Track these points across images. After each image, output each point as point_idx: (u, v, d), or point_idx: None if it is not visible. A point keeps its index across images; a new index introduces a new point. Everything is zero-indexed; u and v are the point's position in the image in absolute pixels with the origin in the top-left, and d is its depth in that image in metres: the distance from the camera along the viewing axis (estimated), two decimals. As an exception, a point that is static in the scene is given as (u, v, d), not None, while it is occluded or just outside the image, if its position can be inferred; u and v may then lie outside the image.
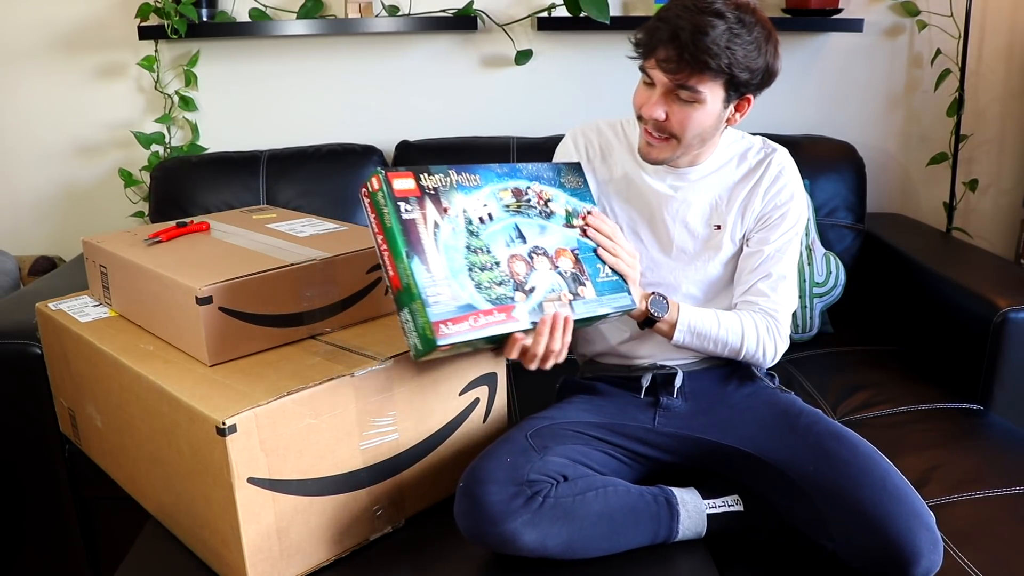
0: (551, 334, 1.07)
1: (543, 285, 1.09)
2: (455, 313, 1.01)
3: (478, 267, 1.05)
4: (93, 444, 1.38)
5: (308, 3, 2.06)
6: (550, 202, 1.15)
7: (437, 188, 1.05)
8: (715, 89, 1.15)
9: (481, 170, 1.11)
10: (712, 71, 1.12)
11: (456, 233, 1.05)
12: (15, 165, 2.17)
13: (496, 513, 1.07)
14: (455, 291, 1.02)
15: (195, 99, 2.13)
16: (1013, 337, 1.52)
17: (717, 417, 1.25)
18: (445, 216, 1.04)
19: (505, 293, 1.06)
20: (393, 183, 1.03)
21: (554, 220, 1.15)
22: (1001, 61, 2.22)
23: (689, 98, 1.15)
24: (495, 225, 1.09)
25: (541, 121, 2.16)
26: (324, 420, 1.09)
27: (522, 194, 1.13)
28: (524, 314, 1.07)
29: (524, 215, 1.12)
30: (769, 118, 2.21)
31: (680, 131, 1.18)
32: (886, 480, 1.08)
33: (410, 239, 1.01)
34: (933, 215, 2.30)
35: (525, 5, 2.13)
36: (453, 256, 1.03)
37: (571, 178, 1.20)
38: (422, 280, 1.00)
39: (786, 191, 1.28)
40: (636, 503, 1.14)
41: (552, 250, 1.13)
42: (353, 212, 1.96)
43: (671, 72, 1.13)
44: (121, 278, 1.32)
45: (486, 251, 1.06)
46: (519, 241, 1.10)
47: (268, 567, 1.06)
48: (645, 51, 1.16)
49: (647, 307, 1.22)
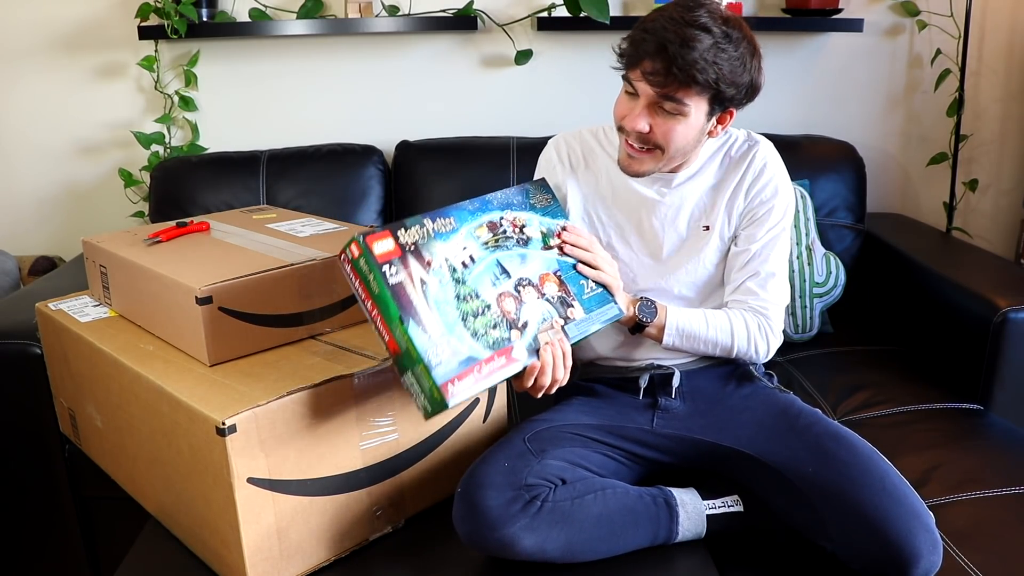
0: (553, 366, 1.08)
1: (534, 317, 1.10)
2: (459, 369, 1.00)
3: (471, 314, 1.04)
4: (93, 444, 1.38)
5: (308, 3, 2.06)
6: (525, 227, 1.16)
7: (416, 242, 1.04)
8: (700, 103, 1.15)
9: (454, 211, 1.10)
10: (699, 85, 1.11)
11: (444, 285, 1.04)
12: (15, 165, 2.17)
13: (494, 518, 1.07)
14: (454, 346, 1.01)
15: (195, 99, 2.13)
16: (1013, 337, 1.52)
17: (715, 418, 1.25)
18: (429, 270, 1.04)
19: (501, 336, 1.06)
20: (373, 247, 1.01)
21: (532, 246, 1.15)
22: (1001, 61, 2.22)
23: (674, 110, 1.14)
24: (478, 267, 1.08)
25: (541, 121, 2.16)
26: (324, 420, 1.09)
27: (497, 226, 1.13)
28: (522, 352, 1.07)
29: (503, 248, 1.12)
30: (769, 118, 2.21)
31: (664, 143, 1.17)
32: (885, 480, 1.08)
33: (401, 303, 1.00)
34: (933, 215, 2.30)
35: (525, 5, 2.13)
36: (445, 310, 1.02)
37: (539, 197, 1.20)
38: (421, 344, 0.99)
39: (770, 186, 1.27)
40: (635, 505, 1.14)
41: (536, 277, 1.13)
42: (353, 212, 1.96)
43: (658, 85, 1.12)
44: (121, 278, 1.32)
45: (475, 296, 1.06)
46: (504, 277, 1.10)
47: (268, 567, 1.06)
48: (630, 61, 1.15)
49: (635, 313, 1.22)
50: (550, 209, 1.20)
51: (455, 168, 1.99)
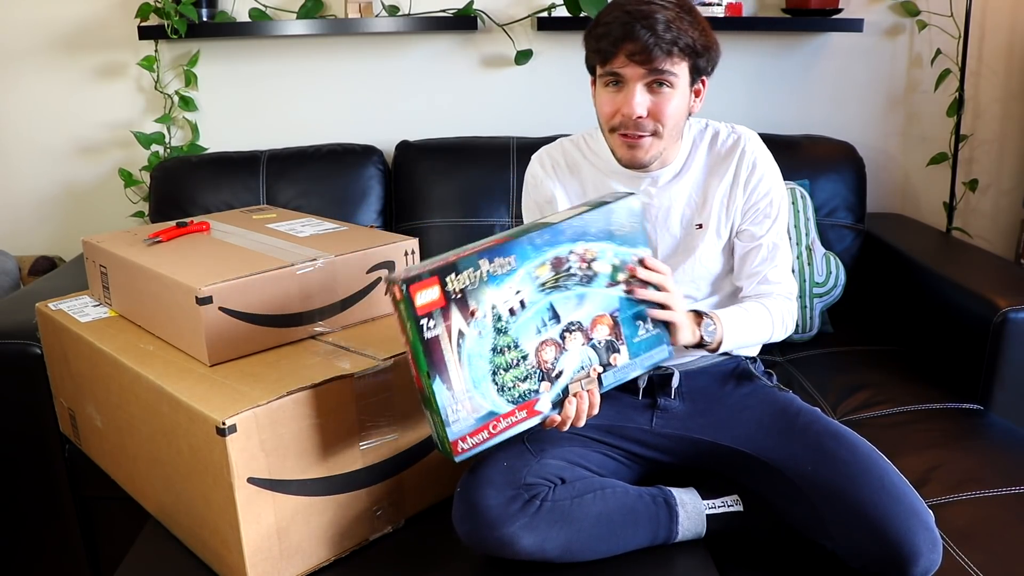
0: (575, 418, 1.05)
1: (571, 366, 1.05)
2: (475, 425, 0.99)
3: (503, 368, 1.01)
4: (93, 444, 1.38)
5: (308, 3, 2.06)
6: (595, 262, 1.06)
7: (465, 289, 0.98)
8: (683, 71, 1.15)
9: (517, 248, 1.01)
10: (680, 51, 1.12)
11: (483, 337, 0.99)
12: (15, 165, 2.17)
13: (494, 517, 1.07)
14: (476, 403, 0.99)
15: (195, 99, 2.13)
16: (1013, 337, 1.52)
17: (715, 417, 1.25)
18: (472, 321, 0.98)
19: (529, 388, 1.02)
20: (416, 298, 0.95)
21: (596, 283, 1.06)
22: (1001, 61, 2.22)
23: (665, 81, 1.14)
24: (527, 312, 1.02)
25: (541, 121, 2.15)
26: (324, 420, 1.09)
27: (562, 263, 1.04)
28: (547, 404, 1.04)
29: (561, 289, 1.04)
30: (769, 118, 2.21)
31: (663, 121, 1.16)
32: (884, 479, 1.08)
33: (432, 358, 0.97)
34: (933, 215, 2.30)
35: (525, 5, 2.13)
36: (477, 364, 0.99)
37: (624, 220, 1.08)
38: (443, 400, 0.97)
39: (766, 179, 1.26)
40: (635, 504, 1.14)
41: (588, 321, 1.06)
42: (353, 212, 1.96)
43: (645, 62, 1.12)
44: (121, 278, 1.32)
45: (513, 347, 1.01)
46: (552, 323, 1.04)
47: (268, 567, 1.06)
48: (607, 54, 1.14)
49: (701, 335, 1.16)
50: (630, 237, 1.09)
51: (455, 168, 1.99)
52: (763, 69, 2.20)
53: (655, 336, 1.11)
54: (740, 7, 2.07)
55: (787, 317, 1.27)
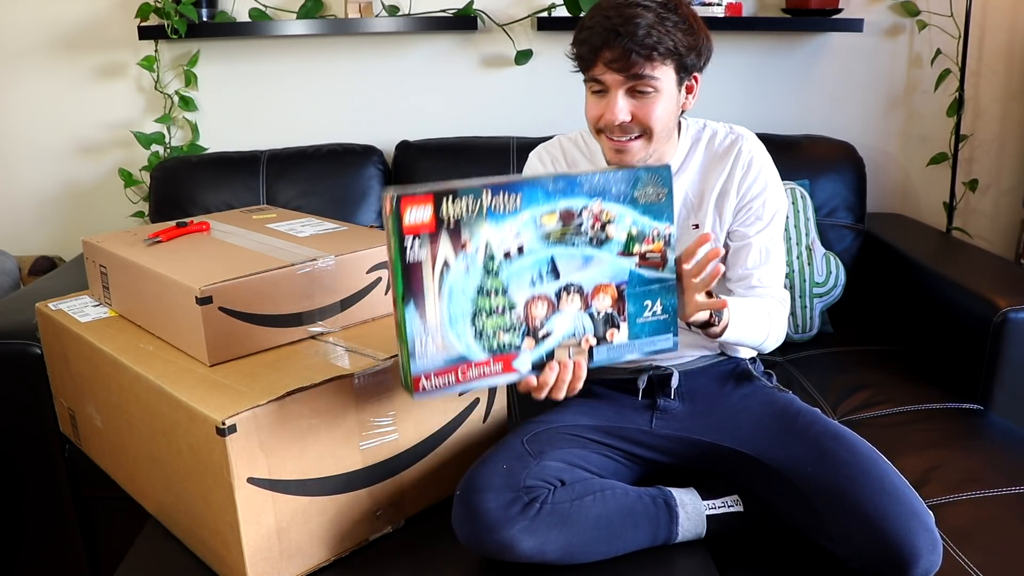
0: (553, 387, 1.02)
1: (562, 329, 0.99)
2: (441, 366, 0.94)
3: (485, 311, 0.94)
4: (93, 444, 1.38)
5: (308, 3, 2.06)
6: (609, 224, 0.99)
7: (460, 218, 0.91)
8: (667, 74, 1.13)
9: (527, 187, 0.94)
10: (661, 55, 1.11)
11: (469, 273, 0.93)
12: (15, 165, 2.17)
13: (493, 520, 1.07)
14: (449, 342, 0.94)
15: (195, 99, 2.13)
16: (1013, 337, 1.52)
17: (714, 418, 1.25)
18: (461, 253, 0.92)
19: (511, 341, 0.97)
20: (405, 214, 0.89)
21: (607, 248, 0.99)
22: (1001, 61, 2.22)
23: (647, 87, 1.12)
24: (524, 260, 0.95)
25: (541, 121, 2.15)
26: (324, 420, 1.09)
27: (573, 217, 0.96)
28: (525, 363, 0.99)
29: (567, 244, 0.97)
30: (769, 118, 2.21)
31: (649, 124, 1.15)
32: (884, 480, 1.07)
33: (410, 283, 0.91)
34: (933, 215, 2.30)
35: (525, 5, 2.13)
36: (458, 300, 0.93)
37: (651, 189, 1.00)
38: (413, 329, 0.92)
39: (761, 178, 1.25)
40: (634, 506, 1.14)
41: (590, 287, 0.99)
42: (353, 212, 1.96)
43: (624, 69, 1.11)
44: (121, 278, 1.32)
45: (502, 292, 0.95)
46: (550, 277, 0.97)
47: (268, 567, 1.06)
48: (588, 61, 1.14)
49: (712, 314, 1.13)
50: (656, 207, 1.00)
51: (455, 168, 1.99)
52: (763, 69, 2.20)
53: (662, 322, 1.03)
54: (740, 7, 2.07)
55: (780, 324, 1.26)
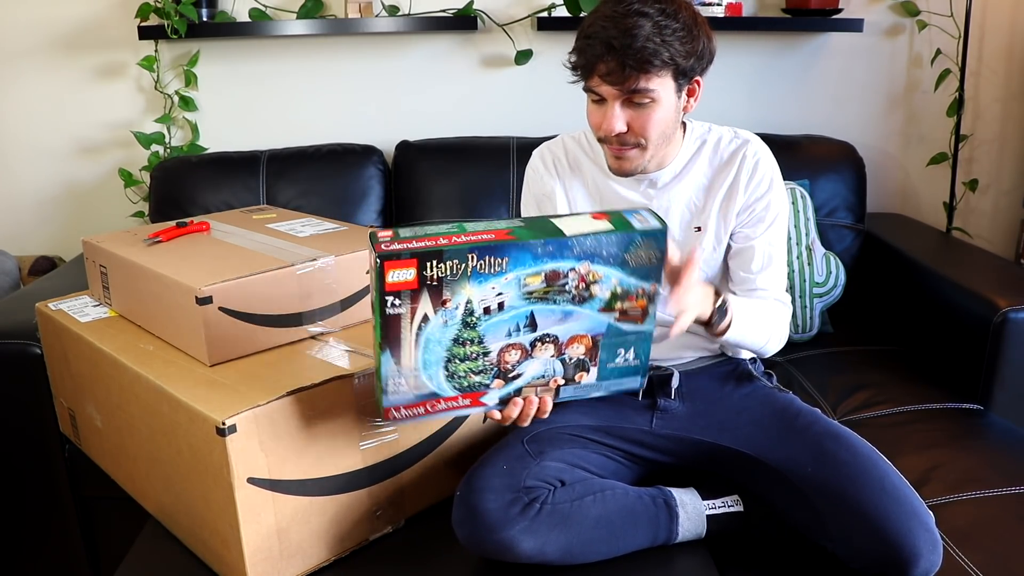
0: (520, 418, 1.05)
1: (532, 372, 1.02)
2: (412, 401, 0.99)
3: (459, 358, 0.97)
4: (93, 444, 1.38)
5: (308, 3, 2.06)
6: (594, 284, 0.99)
7: (443, 279, 0.92)
8: (665, 83, 1.13)
9: (514, 250, 0.94)
10: (656, 67, 1.10)
11: (447, 327, 0.95)
12: (15, 165, 2.17)
13: (493, 521, 1.07)
14: (420, 382, 0.98)
15: (195, 99, 2.13)
16: (1013, 337, 1.52)
17: (714, 418, 1.25)
18: (441, 310, 0.94)
19: (481, 381, 1.00)
20: (388, 275, 0.90)
21: (589, 305, 0.99)
22: (1001, 61, 2.22)
23: (643, 99, 1.12)
24: (503, 315, 0.97)
25: (541, 121, 2.15)
26: (324, 420, 1.09)
27: (558, 277, 0.97)
28: (494, 398, 1.03)
29: (547, 302, 0.98)
30: (769, 118, 2.21)
31: (645, 135, 1.15)
32: (884, 480, 1.07)
33: (388, 333, 0.94)
34: (933, 215, 2.30)
35: (525, 5, 2.13)
36: (433, 349, 0.96)
37: (642, 253, 0.99)
38: (387, 371, 0.96)
39: (765, 181, 1.24)
40: (634, 506, 1.14)
41: (566, 337, 1.01)
42: (353, 212, 1.96)
43: (618, 83, 1.11)
44: (121, 278, 1.32)
45: (476, 342, 0.97)
46: (527, 331, 0.98)
47: (268, 567, 1.06)
48: (585, 71, 1.15)
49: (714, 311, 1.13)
50: (645, 269, 1.00)
51: (455, 168, 1.99)
52: (763, 69, 2.20)
53: (632, 367, 1.06)
54: (740, 7, 2.07)
55: (782, 328, 1.26)
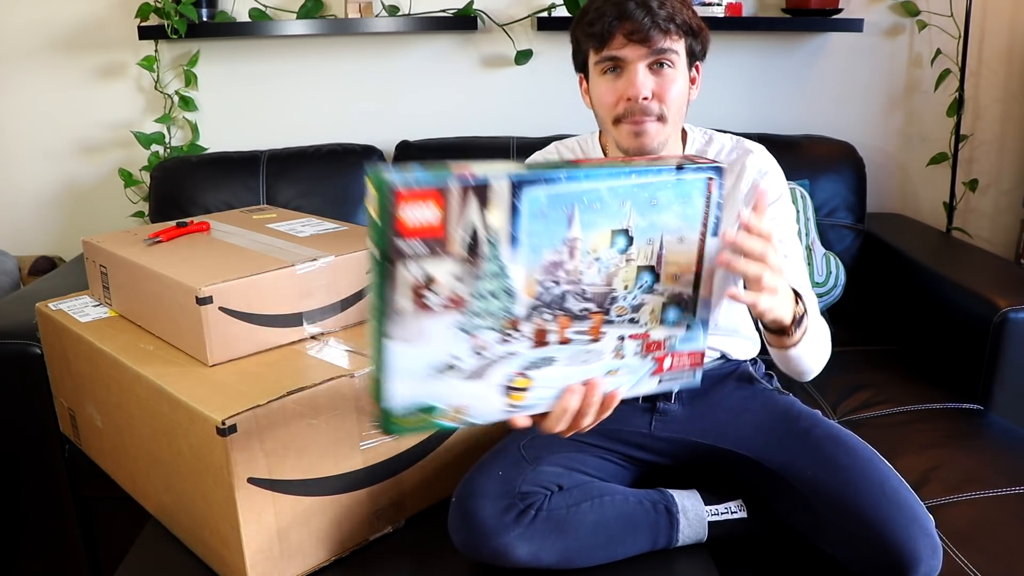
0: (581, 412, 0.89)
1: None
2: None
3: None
4: (93, 444, 1.38)
5: (308, 3, 2.06)
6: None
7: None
8: (682, 50, 1.12)
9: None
10: (677, 27, 1.09)
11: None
12: (15, 165, 2.17)
13: (488, 528, 1.06)
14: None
15: (195, 99, 2.13)
16: (1013, 337, 1.52)
17: (714, 421, 1.24)
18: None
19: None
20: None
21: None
22: (1001, 62, 2.22)
23: (666, 60, 1.10)
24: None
25: (541, 121, 2.15)
26: (324, 420, 1.09)
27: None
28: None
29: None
30: (769, 118, 2.21)
31: (668, 103, 1.11)
32: (885, 485, 1.06)
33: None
34: (933, 215, 2.30)
35: (525, 5, 2.13)
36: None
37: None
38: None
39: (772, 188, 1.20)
40: (634, 512, 1.13)
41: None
42: (353, 212, 1.96)
43: (644, 40, 1.08)
44: (121, 278, 1.32)
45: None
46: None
47: (268, 567, 1.06)
48: (602, 38, 1.10)
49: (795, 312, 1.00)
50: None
51: (455, 168, 1.99)
52: (763, 69, 2.20)
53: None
54: (740, 7, 2.07)
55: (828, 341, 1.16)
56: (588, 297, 0.83)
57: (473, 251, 0.74)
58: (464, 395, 0.81)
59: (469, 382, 0.80)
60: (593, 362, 0.86)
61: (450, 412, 0.81)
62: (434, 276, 0.73)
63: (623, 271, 0.83)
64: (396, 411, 0.79)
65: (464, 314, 0.77)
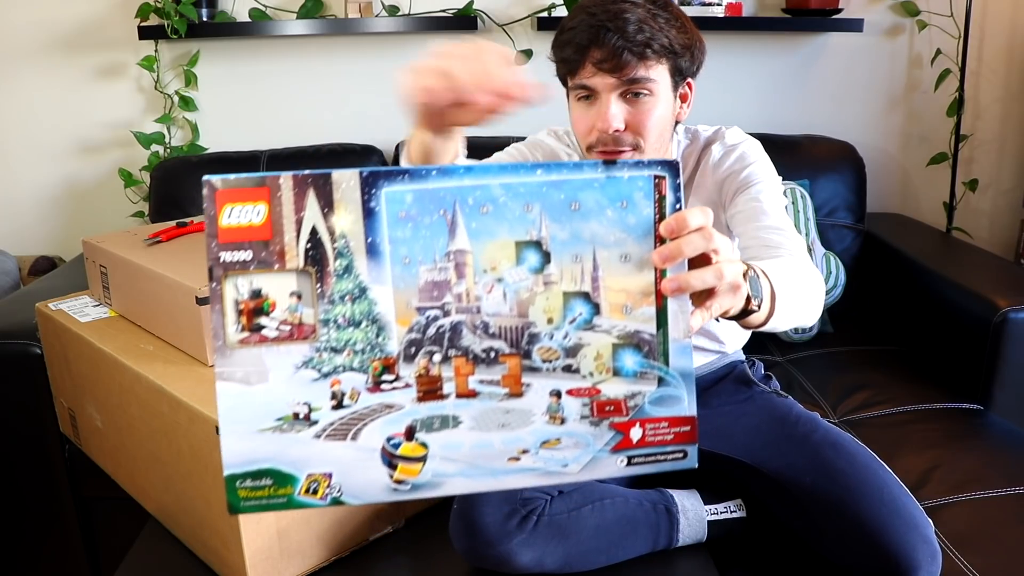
0: None
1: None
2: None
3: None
4: (93, 444, 1.38)
5: (308, 3, 2.06)
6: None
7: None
8: (662, 75, 1.05)
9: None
10: (655, 52, 1.02)
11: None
12: (15, 165, 2.17)
13: (491, 534, 1.05)
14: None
15: (195, 99, 2.13)
16: (1013, 337, 1.52)
17: (712, 425, 1.21)
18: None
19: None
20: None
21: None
22: (1001, 61, 2.22)
23: (642, 90, 1.04)
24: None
25: (541, 121, 2.15)
26: (324, 420, 1.09)
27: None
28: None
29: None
30: (769, 118, 2.21)
31: (643, 134, 1.05)
32: (884, 491, 1.05)
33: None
34: (933, 215, 2.30)
35: (525, 5, 2.13)
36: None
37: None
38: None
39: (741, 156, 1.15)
40: (634, 514, 1.13)
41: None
42: (353, 212, 1.96)
43: (615, 69, 1.02)
44: (121, 278, 1.32)
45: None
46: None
47: (268, 567, 1.06)
48: (574, 63, 1.05)
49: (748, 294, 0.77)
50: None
51: (455, 168, 1.99)
52: (763, 69, 2.20)
53: None
54: (740, 7, 2.07)
55: (814, 271, 1.00)
56: (493, 333, 0.64)
57: (315, 261, 0.61)
58: (327, 460, 0.63)
59: (332, 443, 0.62)
60: (517, 427, 0.64)
61: (311, 484, 0.63)
62: (265, 292, 0.60)
63: (541, 298, 0.64)
64: (240, 479, 0.64)
65: (315, 348, 0.62)
